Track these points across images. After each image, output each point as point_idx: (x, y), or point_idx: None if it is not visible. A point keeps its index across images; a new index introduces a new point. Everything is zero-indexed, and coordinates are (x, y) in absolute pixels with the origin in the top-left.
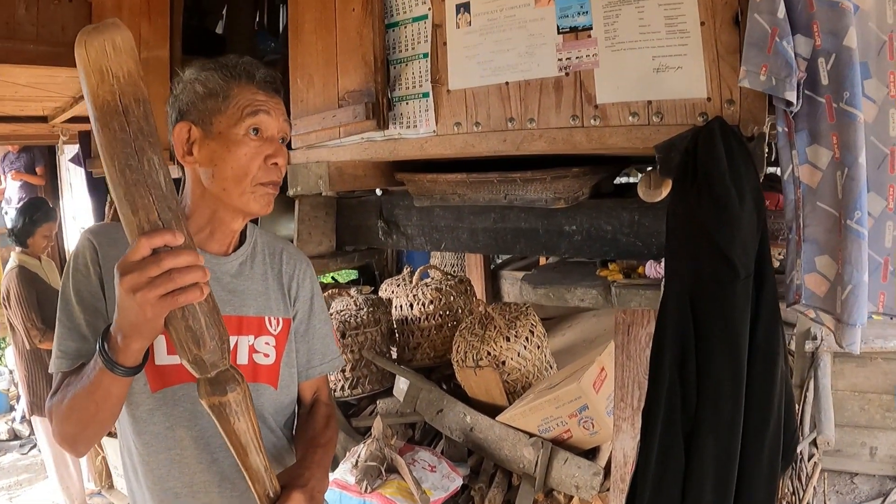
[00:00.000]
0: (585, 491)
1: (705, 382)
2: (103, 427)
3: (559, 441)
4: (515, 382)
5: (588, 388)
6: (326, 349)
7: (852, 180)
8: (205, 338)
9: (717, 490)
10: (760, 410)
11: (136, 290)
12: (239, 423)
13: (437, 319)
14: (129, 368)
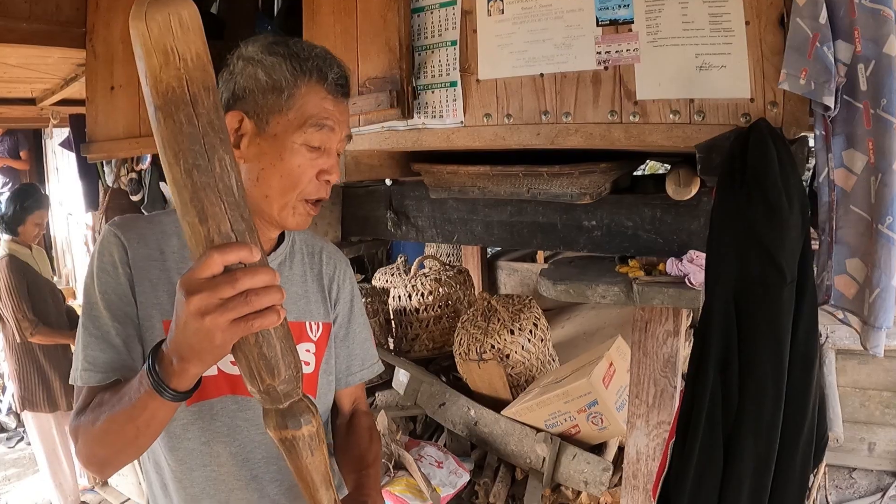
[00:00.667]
0: (594, 487)
1: (748, 384)
2: (140, 451)
3: (567, 436)
4: (519, 376)
5: (598, 384)
6: (367, 354)
7: (885, 186)
8: (279, 367)
9: (753, 492)
10: (797, 413)
11: (206, 314)
12: (312, 458)
13: (436, 311)
14: (182, 393)
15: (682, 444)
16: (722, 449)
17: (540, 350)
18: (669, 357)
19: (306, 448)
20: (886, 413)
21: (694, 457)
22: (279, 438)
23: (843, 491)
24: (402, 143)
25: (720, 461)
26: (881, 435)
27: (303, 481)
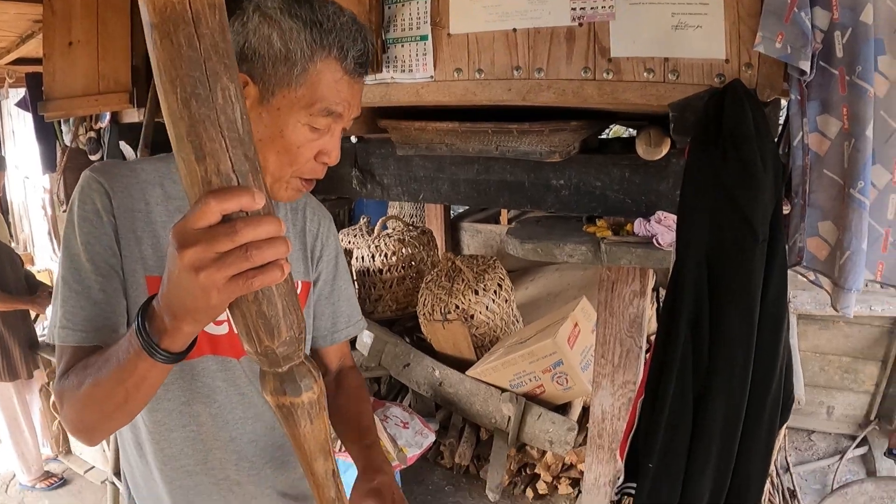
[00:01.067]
0: (559, 446)
1: (719, 344)
2: (130, 417)
3: (531, 396)
4: (483, 336)
5: (563, 344)
6: (352, 310)
7: (858, 151)
8: (280, 327)
9: (722, 451)
10: (766, 373)
11: (201, 269)
12: (311, 426)
13: (400, 271)
14: (174, 355)
15: (651, 402)
16: (692, 407)
17: (504, 311)
18: (635, 317)
19: (305, 416)
20: (845, 378)
21: (664, 415)
22: (276, 404)
23: (802, 452)
24: (370, 98)
25: (690, 420)
26: (840, 399)
27: (299, 450)
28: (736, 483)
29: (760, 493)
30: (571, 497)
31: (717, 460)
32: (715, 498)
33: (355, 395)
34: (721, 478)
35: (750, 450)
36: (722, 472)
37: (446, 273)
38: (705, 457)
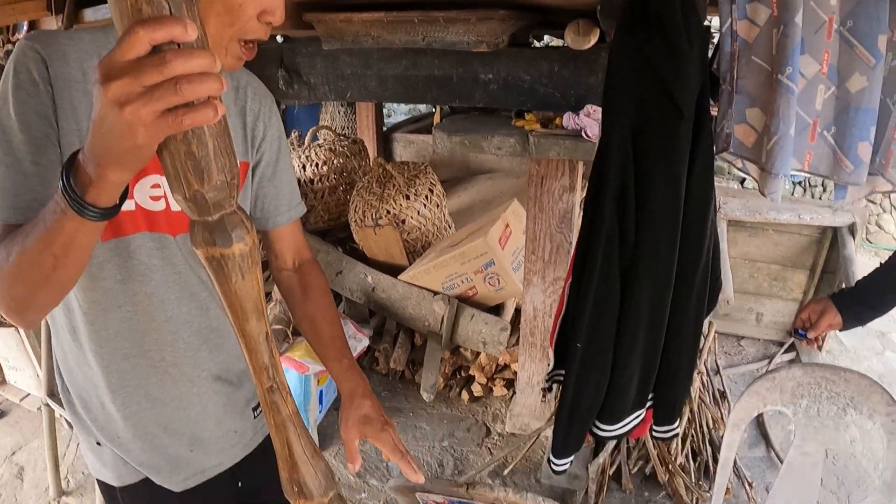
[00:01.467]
0: (493, 347)
1: (645, 220)
2: (62, 289)
3: (464, 298)
4: (415, 241)
5: (494, 244)
6: (293, 193)
7: (787, 38)
8: (211, 169)
9: (650, 330)
10: (692, 254)
11: (127, 103)
12: (242, 281)
13: (331, 181)
14: (103, 210)
15: (578, 282)
16: (619, 284)
17: (436, 216)
18: (565, 213)
19: (236, 270)
20: (774, 285)
21: (591, 294)
22: (206, 257)
23: (731, 357)
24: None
25: (617, 297)
26: (768, 306)
27: (231, 308)
28: (664, 370)
29: (689, 381)
30: (506, 398)
31: (645, 343)
32: (643, 384)
33: (324, 304)
34: (649, 363)
35: (678, 335)
36: (650, 356)
37: (377, 179)
38: (633, 338)
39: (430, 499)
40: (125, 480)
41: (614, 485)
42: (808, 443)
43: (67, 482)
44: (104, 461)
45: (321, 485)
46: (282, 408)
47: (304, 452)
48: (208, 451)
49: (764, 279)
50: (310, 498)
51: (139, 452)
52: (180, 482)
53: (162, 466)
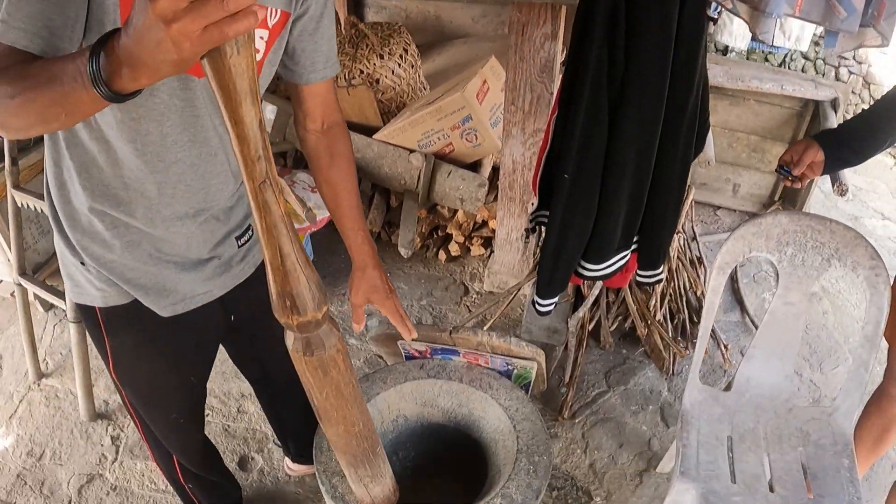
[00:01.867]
0: (470, 203)
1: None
2: (60, 128)
3: (441, 155)
4: (390, 102)
5: (472, 98)
6: (331, 51)
7: None
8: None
9: (638, 162)
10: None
11: (174, 20)
12: (238, 56)
13: None
14: (123, 96)
15: (565, 111)
16: (607, 115)
17: (410, 76)
18: (547, 62)
19: (231, 44)
20: (752, 156)
21: (579, 121)
22: None
23: (708, 226)
24: None
25: (605, 125)
26: (746, 177)
27: (223, 90)
28: (651, 210)
29: (674, 224)
30: (483, 258)
31: (633, 176)
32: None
33: (348, 173)
34: (637, 198)
35: (666, 173)
36: (638, 191)
37: (349, 39)
38: (621, 170)
39: (412, 347)
40: (108, 301)
41: (592, 342)
42: (792, 292)
43: (46, 364)
44: (88, 280)
45: (315, 297)
46: (273, 207)
47: (296, 261)
48: (195, 278)
49: (742, 150)
50: (303, 313)
51: (126, 272)
52: (168, 306)
53: (149, 287)
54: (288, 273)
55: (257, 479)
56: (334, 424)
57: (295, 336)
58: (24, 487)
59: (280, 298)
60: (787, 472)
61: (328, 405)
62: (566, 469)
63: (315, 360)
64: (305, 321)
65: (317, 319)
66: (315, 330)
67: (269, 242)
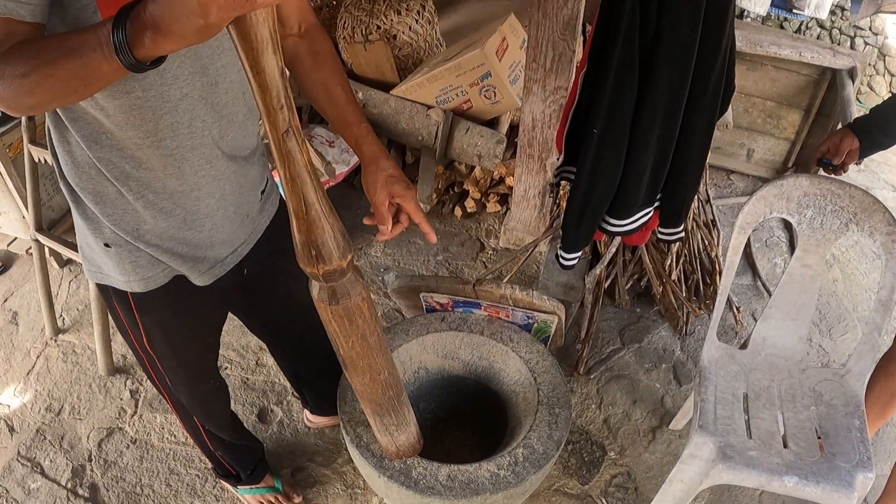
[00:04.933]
0: (488, 160)
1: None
2: (73, 101)
3: (459, 112)
4: (406, 58)
5: (491, 55)
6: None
7: None
8: None
9: (666, 118)
10: (711, 46)
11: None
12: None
13: (316, 1)
14: (146, 65)
15: (596, 66)
16: (638, 68)
17: (428, 32)
18: (570, 19)
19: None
20: (768, 122)
21: (610, 76)
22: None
23: (721, 189)
24: None
25: (635, 81)
26: (760, 143)
27: (244, 39)
28: (675, 167)
29: (697, 183)
30: (500, 214)
31: (660, 132)
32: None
33: (336, 68)
34: (663, 155)
35: (692, 130)
36: (664, 148)
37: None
38: (649, 125)
39: (433, 299)
40: (147, 286)
41: (608, 300)
42: (810, 255)
43: (62, 320)
44: (119, 264)
45: (340, 245)
46: (297, 156)
47: (321, 210)
48: (226, 239)
49: (758, 115)
50: (328, 261)
51: (162, 242)
52: (206, 272)
53: (185, 256)
54: (313, 222)
55: (277, 432)
56: (360, 373)
57: (320, 286)
58: (44, 442)
59: (305, 248)
60: (801, 430)
61: (354, 354)
62: (581, 423)
63: (341, 308)
64: (331, 270)
65: (342, 268)
66: (340, 279)
67: (293, 191)
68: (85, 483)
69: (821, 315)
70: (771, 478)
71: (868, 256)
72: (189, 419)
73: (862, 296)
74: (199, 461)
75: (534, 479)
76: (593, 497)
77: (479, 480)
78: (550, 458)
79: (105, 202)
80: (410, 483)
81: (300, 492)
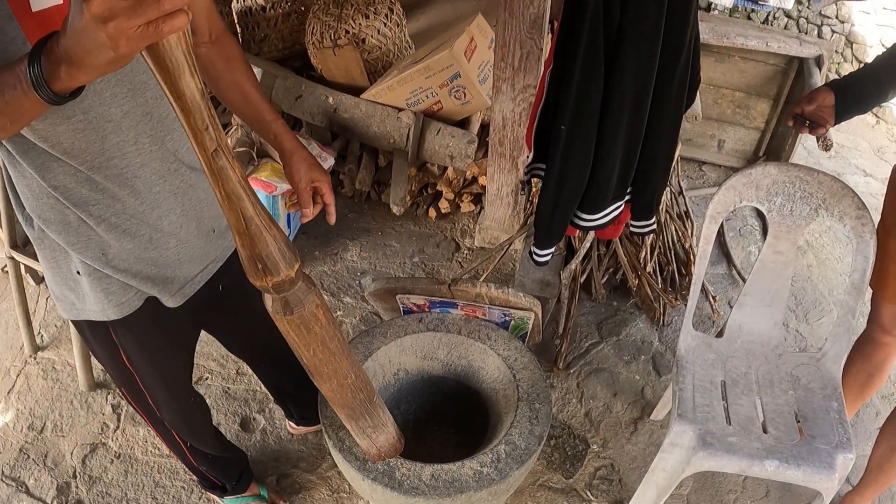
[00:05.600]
0: (460, 160)
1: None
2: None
3: (429, 114)
4: (376, 62)
5: (460, 56)
6: None
7: None
8: None
9: (633, 112)
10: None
11: (110, 19)
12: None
13: (284, 7)
14: (64, 97)
15: (562, 63)
16: (603, 63)
17: (396, 35)
18: (536, 17)
19: None
20: (737, 113)
21: (576, 72)
22: None
23: (693, 181)
24: None
25: (601, 76)
26: (731, 133)
27: (160, 66)
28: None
29: (666, 175)
30: (474, 213)
31: (627, 127)
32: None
33: (248, 71)
34: (631, 149)
35: (659, 124)
36: (632, 142)
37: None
38: (616, 120)
39: (409, 300)
40: (119, 313)
41: (584, 295)
42: (781, 241)
43: (41, 337)
44: (91, 290)
45: (286, 255)
46: (229, 174)
47: (261, 223)
48: (195, 256)
49: (727, 106)
50: (276, 273)
51: (129, 266)
52: (176, 293)
53: (154, 277)
54: (254, 236)
55: (260, 440)
56: (327, 379)
57: (273, 297)
58: (28, 461)
59: (251, 262)
60: (780, 415)
61: (317, 361)
62: (563, 418)
63: (296, 318)
64: (279, 281)
65: (290, 278)
66: (291, 288)
67: (231, 209)
68: (70, 500)
69: (796, 301)
70: (752, 463)
71: (841, 241)
72: (170, 437)
73: (836, 280)
74: (184, 473)
75: (517, 474)
76: (578, 490)
77: (463, 479)
78: (532, 453)
79: (68, 231)
80: (395, 484)
81: (286, 498)
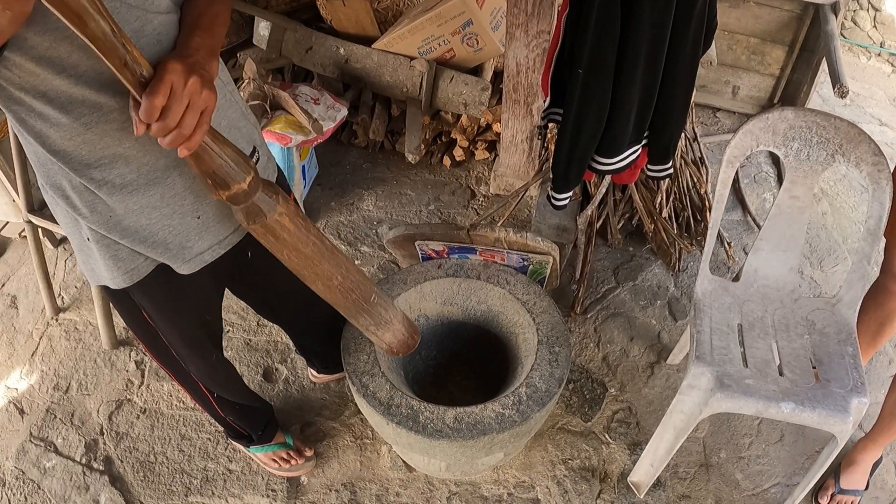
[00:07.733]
0: (474, 107)
1: None
2: None
3: (442, 62)
4: (386, 11)
5: (472, 2)
6: None
7: None
8: None
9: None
10: None
11: None
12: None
13: None
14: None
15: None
16: (619, 9)
17: None
18: None
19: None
20: (752, 59)
21: (591, 20)
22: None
23: (708, 127)
24: None
25: (618, 17)
26: (745, 80)
27: (65, 15)
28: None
29: (683, 119)
30: (488, 161)
31: (644, 70)
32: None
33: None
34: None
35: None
36: (649, 85)
37: None
38: (633, 63)
39: (428, 247)
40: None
41: (600, 240)
42: (797, 186)
43: (62, 299)
44: (101, 258)
45: (234, 170)
46: None
47: (207, 142)
48: (205, 224)
49: (742, 52)
50: (227, 187)
51: (135, 229)
52: (190, 260)
53: (170, 243)
54: (198, 155)
55: (283, 389)
56: (312, 282)
57: (234, 209)
58: (55, 421)
59: (203, 178)
60: (795, 358)
61: (295, 265)
62: (580, 362)
63: (260, 227)
64: (233, 194)
65: (244, 190)
66: (248, 199)
67: None
68: (99, 457)
69: (811, 248)
70: (768, 404)
71: (856, 190)
72: (196, 389)
73: (851, 228)
74: (210, 425)
75: (538, 416)
76: (596, 433)
77: (486, 421)
78: (553, 395)
79: (74, 196)
80: (419, 427)
81: (311, 446)
